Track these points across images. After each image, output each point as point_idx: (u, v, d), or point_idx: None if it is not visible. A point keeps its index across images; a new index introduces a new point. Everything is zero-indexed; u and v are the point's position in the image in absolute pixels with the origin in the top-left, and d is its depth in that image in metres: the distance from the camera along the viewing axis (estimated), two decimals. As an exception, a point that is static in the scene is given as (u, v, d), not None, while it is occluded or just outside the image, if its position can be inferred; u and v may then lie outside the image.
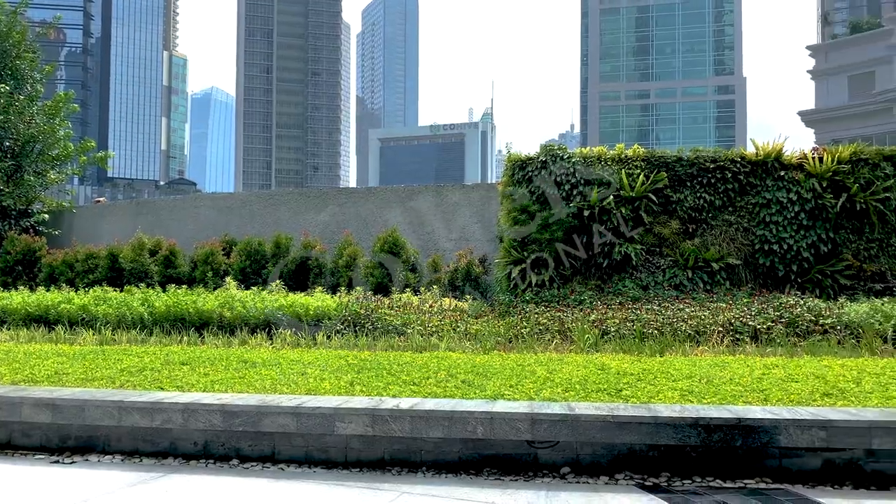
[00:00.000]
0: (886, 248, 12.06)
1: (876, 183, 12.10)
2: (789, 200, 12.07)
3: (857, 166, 12.28)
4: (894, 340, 9.25)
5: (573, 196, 12.33)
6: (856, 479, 4.42)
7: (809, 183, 12.08)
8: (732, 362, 7.28)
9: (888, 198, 12.09)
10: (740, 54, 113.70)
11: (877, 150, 12.65)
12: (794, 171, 12.29)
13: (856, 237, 12.04)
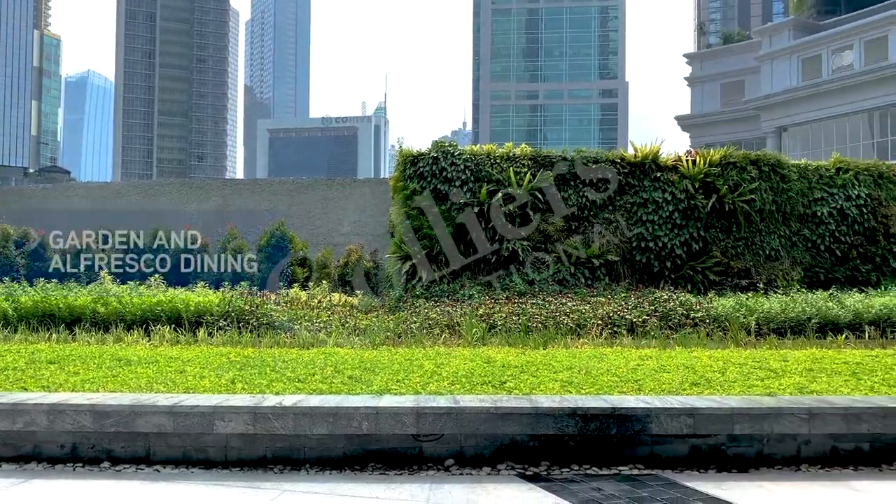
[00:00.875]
0: (751, 247, 12.92)
1: (743, 185, 12.94)
2: (664, 200, 12.70)
3: (727, 169, 13.08)
4: (757, 332, 9.93)
5: (464, 192, 12.48)
6: (719, 463, 4.71)
7: (683, 184, 12.76)
8: (610, 354, 7.59)
9: (753, 199, 12.95)
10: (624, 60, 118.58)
11: (744, 154, 13.52)
12: (670, 173, 12.95)
13: (724, 236, 12.83)
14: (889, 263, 13.59)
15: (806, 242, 13.40)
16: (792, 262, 13.13)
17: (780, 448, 4.78)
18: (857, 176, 13.99)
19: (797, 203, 13.46)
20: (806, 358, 7.36)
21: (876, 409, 4.81)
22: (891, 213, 13.91)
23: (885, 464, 4.74)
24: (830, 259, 13.42)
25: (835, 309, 10.48)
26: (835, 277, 13.17)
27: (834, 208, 13.58)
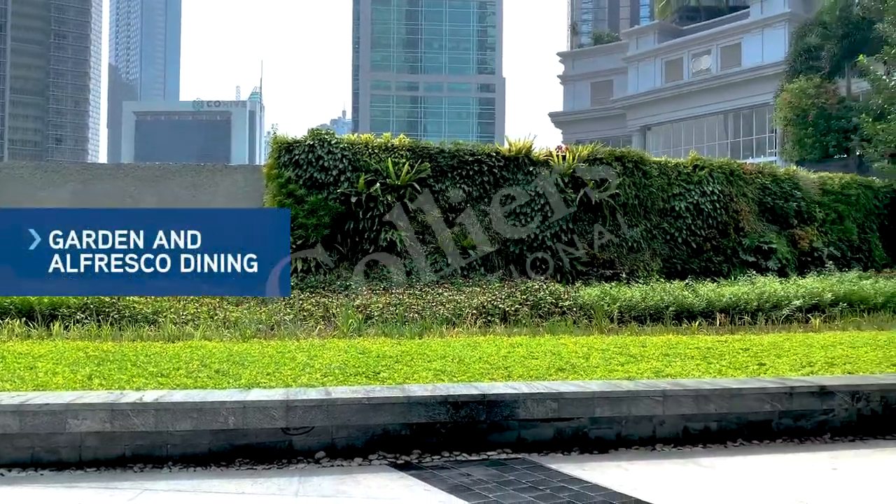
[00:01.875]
0: (616, 239, 13.58)
1: (608, 180, 13.56)
2: (537, 193, 13.11)
3: (594, 164, 13.67)
4: (620, 320, 10.46)
5: (341, 182, 12.35)
6: (582, 445, 4.92)
7: (554, 178, 13.22)
8: (483, 342, 7.76)
9: (618, 194, 13.60)
10: (501, 55, 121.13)
11: (609, 151, 14.17)
12: (542, 167, 13.38)
13: (591, 228, 13.41)
14: (738, 255, 14.67)
15: (665, 235, 14.23)
16: (652, 253, 13.91)
17: (637, 429, 5.05)
18: (712, 173, 15.00)
19: (658, 198, 14.26)
20: (663, 343, 7.82)
21: (723, 391, 5.18)
22: (740, 209, 15.02)
23: (729, 441, 5.12)
24: (687, 251, 14.33)
25: (690, 298, 11.20)
26: (691, 268, 14.07)
27: (690, 203, 14.50)
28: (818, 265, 15.08)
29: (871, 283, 13.03)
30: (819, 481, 4.27)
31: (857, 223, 17.16)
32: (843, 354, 7.22)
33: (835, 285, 12.49)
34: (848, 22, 25.79)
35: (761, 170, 16.24)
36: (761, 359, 6.82)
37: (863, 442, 5.21)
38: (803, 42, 28.33)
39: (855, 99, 25.98)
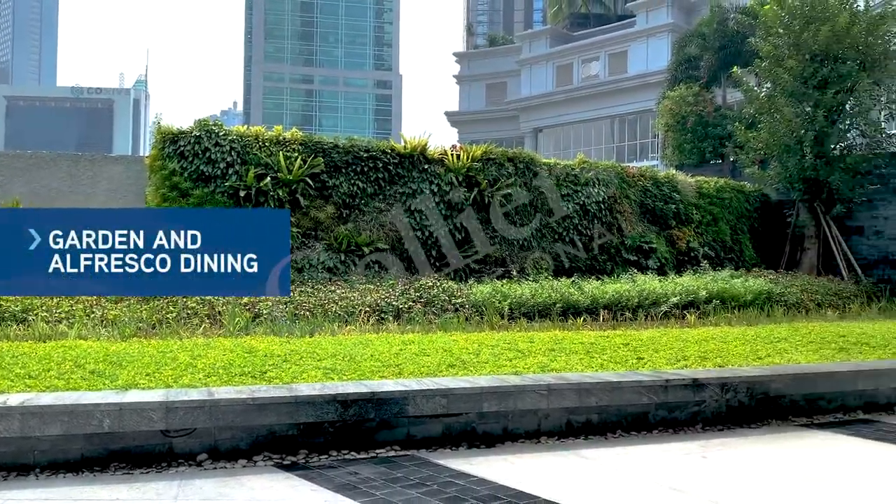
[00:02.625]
0: (508, 237, 13.86)
1: (501, 180, 13.82)
2: (431, 192, 13.18)
3: (487, 164, 13.90)
4: (510, 316, 10.68)
5: (229, 175, 11.97)
6: (470, 440, 5.00)
7: (448, 177, 13.34)
8: (375, 340, 7.73)
9: (510, 194, 13.88)
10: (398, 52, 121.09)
11: (502, 152, 14.44)
12: (437, 166, 13.47)
13: (484, 227, 13.62)
14: (622, 254, 15.30)
15: (554, 234, 14.65)
16: (542, 252, 14.28)
17: (523, 423, 5.18)
18: (598, 175, 15.56)
19: (547, 198, 14.66)
20: (550, 339, 8.05)
21: (604, 384, 5.40)
22: (624, 210, 15.67)
23: (610, 433, 5.33)
24: (574, 249, 14.80)
25: (576, 294, 11.58)
26: (578, 266, 14.55)
27: (578, 204, 15.00)
28: (694, 264, 15.94)
29: (742, 282, 13.91)
30: (691, 469, 4.52)
31: (729, 225, 18.26)
32: (714, 349, 7.66)
33: (709, 283, 13.25)
34: (724, 35, 27.37)
35: (643, 173, 17.00)
36: (640, 353, 7.15)
37: (731, 431, 5.56)
38: (684, 52, 29.84)
39: (730, 108, 27.61)
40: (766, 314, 12.61)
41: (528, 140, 56.65)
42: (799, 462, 4.74)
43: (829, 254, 18.37)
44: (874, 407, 6.38)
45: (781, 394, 5.96)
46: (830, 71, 17.39)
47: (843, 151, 18.36)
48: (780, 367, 6.41)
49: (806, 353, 7.62)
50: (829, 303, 14.70)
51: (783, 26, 18.03)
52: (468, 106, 63.62)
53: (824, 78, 17.50)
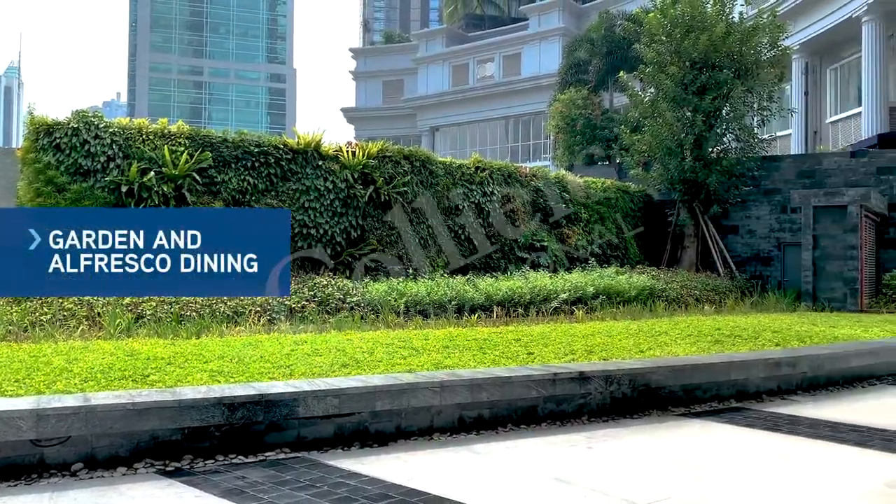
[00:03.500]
0: (404, 235, 13.86)
1: (397, 178, 13.80)
2: (326, 189, 13.01)
3: (383, 162, 13.85)
4: (406, 314, 10.69)
5: (110, 170, 11.38)
6: (362, 440, 4.96)
7: (344, 174, 13.20)
8: (266, 341, 7.55)
9: (406, 191, 13.89)
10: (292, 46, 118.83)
11: (398, 149, 14.43)
12: (332, 162, 13.30)
13: (380, 224, 13.57)
14: (515, 252, 15.63)
15: (450, 232, 14.78)
16: (438, 249, 14.38)
17: (416, 420, 5.19)
18: (492, 175, 15.83)
19: (443, 196, 14.78)
20: (444, 336, 8.12)
21: (495, 380, 5.49)
22: (517, 209, 16.01)
23: (500, 427, 5.43)
24: (469, 247, 14.99)
25: (471, 292, 11.73)
26: (472, 264, 14.75)
27: (473, 202, 15.20)
28: (583, 262, 16.48)
29: (627, 279, 14.51)
30: (577, 460, 4.66)
31: (615, 224, 19.00)
32: (600, 343, 7.95)
33: (596, 280, 13.74)
34: (611, 40, 28.44)
35: (535, 173, 17.43)
36: (531, 348, 7.32)
37: (615, 422, 5.78)
38: (574, 56, 30.80)
39: (617, 111, 28.72)
40: (648, 309, 13.20)
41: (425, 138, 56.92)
42: (678, 449, 4.98)
43: (706, 251, 19.45)
44: (745, 396, 6.80)
45: (662, 385, 6.25)
46: (708, 78, 18.40)
47: (720, 154, 19.47)
48: (661, 360, 6.72)
49: (684, 345, 8.03)
50: (707, 298, 15.57)
51: (666, 34, 18.91)
52: (365, 103, 63.25)
53: (703, 84, 18.49)
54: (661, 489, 4.02)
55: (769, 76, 18.91)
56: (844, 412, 6.27)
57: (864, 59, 29.18)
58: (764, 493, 3.99)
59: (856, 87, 31.25)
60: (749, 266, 19.69)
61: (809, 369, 7.37)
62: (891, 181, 18.92)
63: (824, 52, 33.69)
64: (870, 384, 7.80)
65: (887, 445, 5.10)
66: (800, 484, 4.17)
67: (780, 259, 19.31)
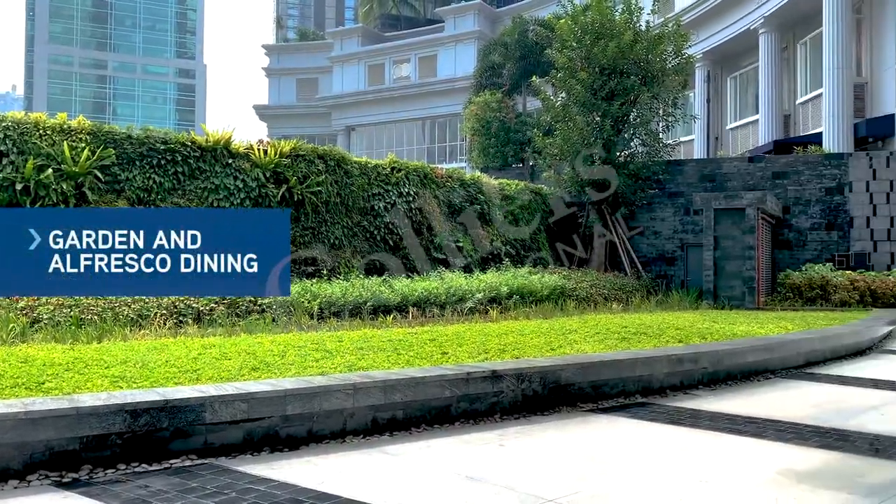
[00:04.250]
0: (318, 236, 13.69)
1: (311, 177, 13.62)
2: (236, 187, 12.70)
3: (297, 161, 13.63)
4: (320, 316, 10.56)
5: (3, 166, 10.75)
6: (273, 444, 4.87)
7: (255, 172, 12.92)
8: (172, 345, 7.30)
9: (320, 191, 13.72)
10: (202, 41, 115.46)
11: (312, 148, 14.24)
12: (242, 161, 13.00)
13: (294, 225, 13.34)
14: (430, 253, 15.69)
15: (365, 233, 14.71)
16: (353, 250, 14.28)
17: (328, 423, 5.13)
18: (408, 175, 15.84)
19: (359, 197, 14.68)
20: (359, 338, 8.06)
21: (408, 380, 5.49)
22: (433, 210, 16.08)
23: (414, 427, 5.44)
24: (385, 248, 14.96)
25: (386, 293, 11.70)
26: (389, 264, 14.71)
27: (389, 203, 15.17)
28: (497, 262, 16.72)
29: (539, 278, 14.80)
30: (489, 458, 4.72)
31: (529, 225, 19.36)
32: (513, 341, 8.08)
33: (510, 280, 13.96)
34: (525, 45, 28.93)
35: (451, 174, 17.56)
36: (445, 348, 7.36)
37: (526, 419, 5.88)
38: (488, 59, 31.17)
39: (530, 115, 29.25)
40: (560, 308, 13.51)
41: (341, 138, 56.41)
42: (585, 444, 5.12)
43: (615, 252, 20.08)
44: (650, 391, 7.05)
45: (571, 382, 6.41)
46: (617, 84, 18.99)
47: (627, 158, 20.14)
48: (570, 357, 6.88)
49: (593, 343, 8.26)
50: (615, 296, 16.06)
51: (576, 40, 19.41)
52: (278, 100, 62.17)
53: (612, 90, 19.07)
54: (568, 483, 4.12)
55: (674, 83, 19.70)
56: (742, 405, 6.59)
57: (761, 68, 30.80)
58: (665, 484, 4.14)
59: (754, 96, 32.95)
60: (655, 266, 20.45)
61: (710, 365, 7.71)
62: (785, 185, 20.03)
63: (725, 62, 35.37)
64: (765, 378, 8.23)
65: (780, 436, 5.38)
66: (699, 474, 4.35)
67: (684, 259, 20.13)
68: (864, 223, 19.43)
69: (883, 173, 19.45)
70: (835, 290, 17.31)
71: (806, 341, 9.32)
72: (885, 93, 25.64)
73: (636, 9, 19.71)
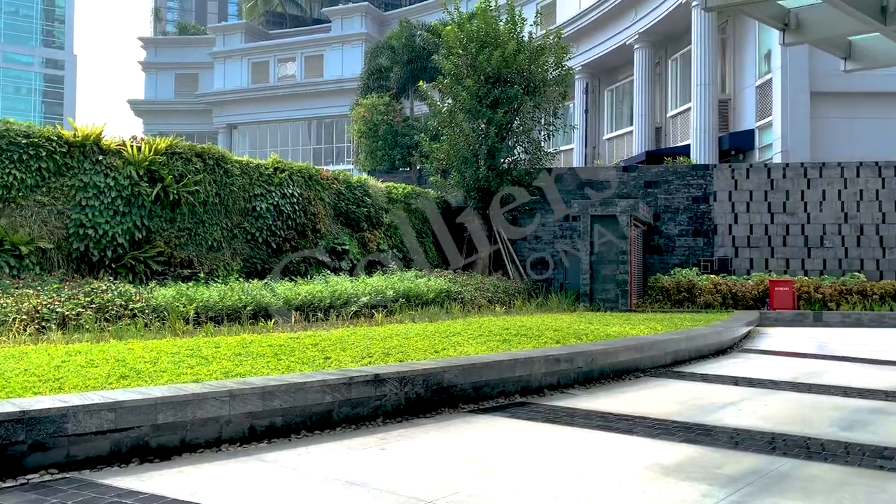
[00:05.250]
0: (195, 237, 13.19)
1: (188, 176, 13.11)
2: (107, 186, 12.05)
3: (173, 159, 13.09)
4: (196, 321, 10.17)
5: None
6: (143, 455, 4.63)
7: (127, 170, 12.30)
8: (33, 352, 6.83)
9: (198, 190, 13.24)
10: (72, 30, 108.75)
11: (190, 146, 13.71)
12: (114, 157, 12.34)
13: (169, 225, 12.80)
14: (316, 256, 15.46)
15: (246, 235, 14.30)
16: (233, 252, 13.86)
17: (203, 432, 4.94)
18: (292, 176, 15.55)
19: (239, 197, 14.27)
20: (237, 343, 7.83)
21: (288, 386, 5.37)
22: (318, 212, 15.86)
23: (294, 434, 5.33)
24: (268, 251, 14.61)
25: (268, 297, 11.43)
26: (271, 267, 14.38)
27: (271, 204, 14.83)
28: (384, 265, 16.70)
29: (425, 281, 14.90)
30: (370, 462, 4.70)
31: (415, 228, 19.46)
32: (397, 345, 8.09)
33: (396, 283, 13.97)
34: (412, 49, 29.12)
35: (337, 176, 17.39)
36: (328, 353, 7.27)
37: (409, 422, 5.89)
38: (376, 62, 31.13)
39: (417, 119, 29.46)
40: (445, 311, 13.66)
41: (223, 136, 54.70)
42: (466, 445, 5.19)
43: (499, 256, 20.54)
44: (529, 391, 7.24)
45: (453, 384, 6.48)
46: (501, 92, 19.44)
47: (511, 165, 20.64)
48: (453, 360, 6.96)
49: (476, 345, 8.40)
50: (498, 299, 16.41)
51: (462, 48, 19.72)
52: (155, 95, 59.52)
53: (496, 98, 19.50)
54: (448, 485, 4.16)
55: (554, 94, 20.39)
56: (614, 403, 6.88)
57: (636, 82, 32.40)
58: (540, 481, 4.27)
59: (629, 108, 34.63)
60: (536, 269, 21.06)
61: (584, 364, 8.01)
62: (656, 194, 21.14)
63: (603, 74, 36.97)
64: (635, 377, 8.64)
65: (649, 432, 5.66)
66: (573, 471, 4.51)
67: (563, 263, 20.85)
68: (727, 230, 20.81)
69: (744, 184, 20.90)
70: (700, 293, 18.43)
71: (673, 341, 9.86)
72: (746, 109, 27.60)
73: (520, 19, 20.26)
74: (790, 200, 20.62)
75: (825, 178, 20.56)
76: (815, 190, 20.55)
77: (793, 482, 4.32)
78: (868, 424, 6.08)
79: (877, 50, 10.53)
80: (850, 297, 18.46)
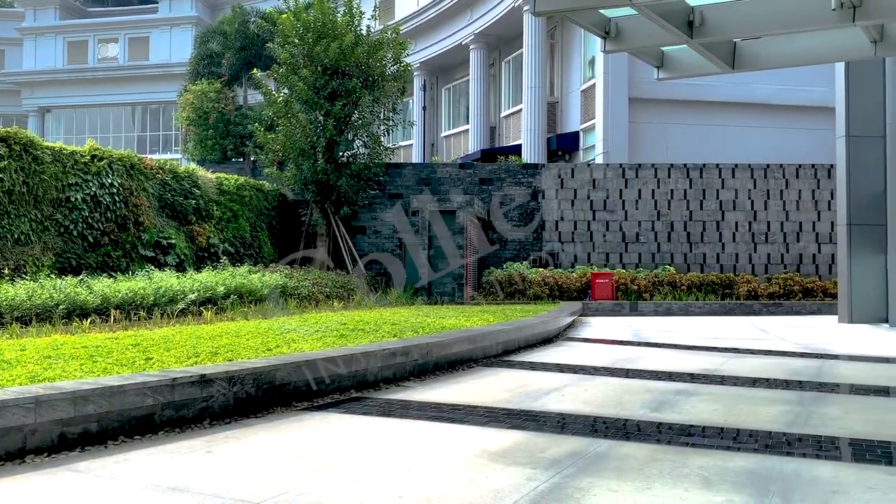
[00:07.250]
0: (-2, 230, 11.97)
1: (-11, 162, 11.86)
2: None
3: (-29, 143, 11.78)
4: (-1, 322, 9.24)
5: None
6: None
7: (-86, 154, 10.92)
8: None
9: (2, 178, 12.02)
10: None
11: (-8, 130, 12.42)
12: None
13: (-34, 217, 11.52)
14: (138, 250, 14.54)
15: (59, 227, 13.18)
16: (44, 247, 12.72)
17: (4, 443, 4.49)
18: (112, 165, 14.52)
19: (51, 187, 13.12)
20: (47, 345, 7.20)
21: (103, 390, 5.01)
22: (141, 203, 14.92)
23: (111, 440, 4.98)
24: (84, 245, 13.54)
25: (84, 294, 10.61)
26: (87, 263, 13.35)
27: (88, 195, 13.76)
28: (214, 260, 16.02)
29: (259, 277, 14.47)
30: (195, 466, 4.48)
31: (249, 222, 18.84)
32: (227, 343, 7.78)
33: (228, 279, 13.45)
34: (246, 36, 28.05)
35: (162, 166, 16.45)
36: (150, 353, 6.86)
37: (238, 423, 5.69)
38: (206, 47, 29.68)
39: (252, 108, 28.48)
40: (281, 307, 13.35)
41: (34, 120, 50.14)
42: (297, 443, 5.09)
43: (338, 250, 20.36)
44: (365, 385, 7.24)
45: (286, 382, 6.34)
46: (339, 84, 19.25)
47: (350, 159, 20.53)
48: (286, 357, 6.81)
49: (311, 341, 8.27)
50: (337, 294, 16.28)
51: (298, 37, 19.32)
52: (-49, 72, 53.40)
53: (334, 90, 19.29)
54: (278, 484, 4.06)
55: (393, 89, 20.50)
56: (447, 394, 7.04)
57: (472, 82, 33.32)
58: (372, 475, 4.27)
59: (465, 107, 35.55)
60: (376, 264, 21.10)
61: (420, 357, 8.13)
62: (490, 190, 21.86)
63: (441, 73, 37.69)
64: (469, 367, 8.89)
65: (479, 420, 5.84)
66: (405, 462, 4.55)
67: (402, 257, 21.06)
68: (554, 226, 21.94)
69: (569, 183, 22.12)
70: (530, 286, 19.31)
71: (504, 332, 10.26)
72: (571, 112, 29.23)
73: (357, 12, 20.15)
74: (610, 199, 22.09)
75: (641, 178, 22.22)
76: (632, 189, 22.15)
77: (609, 461, 4.63)
78: (675, 405, 6.64)
79: (685, 61, 11.50)
80: (661, 288, 20.11)
